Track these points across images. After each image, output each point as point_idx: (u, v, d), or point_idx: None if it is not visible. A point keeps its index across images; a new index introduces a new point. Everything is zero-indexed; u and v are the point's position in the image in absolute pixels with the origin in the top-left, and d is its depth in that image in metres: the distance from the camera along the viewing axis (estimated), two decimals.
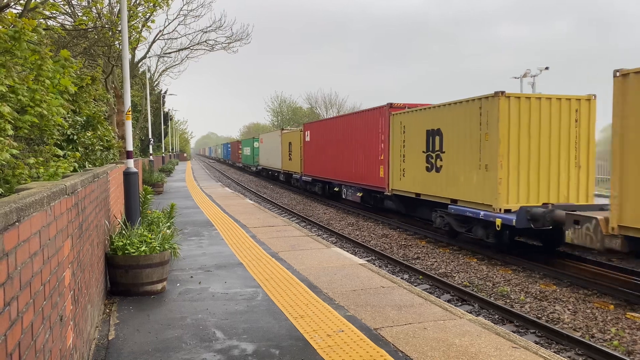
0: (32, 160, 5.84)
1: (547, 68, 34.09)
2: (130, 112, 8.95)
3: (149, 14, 16.75)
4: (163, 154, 50.98)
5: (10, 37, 6.05)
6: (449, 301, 9.07)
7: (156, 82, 39.68)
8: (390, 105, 17.08)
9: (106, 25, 14.41)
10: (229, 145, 78.43)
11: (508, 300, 9.12)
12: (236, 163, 64.55)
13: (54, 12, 12.06)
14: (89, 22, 13.12)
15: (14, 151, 5.22)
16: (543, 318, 8.19)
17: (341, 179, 22.01)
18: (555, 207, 10.89)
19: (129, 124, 9.00)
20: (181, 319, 5.80)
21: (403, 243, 14.38)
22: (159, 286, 6.83)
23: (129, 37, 13.65)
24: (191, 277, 7.73)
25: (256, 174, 49.66)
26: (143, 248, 6.71)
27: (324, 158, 24.46)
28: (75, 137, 8.58)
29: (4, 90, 5.31)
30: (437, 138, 14.25)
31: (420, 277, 10.81)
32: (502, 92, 11.52)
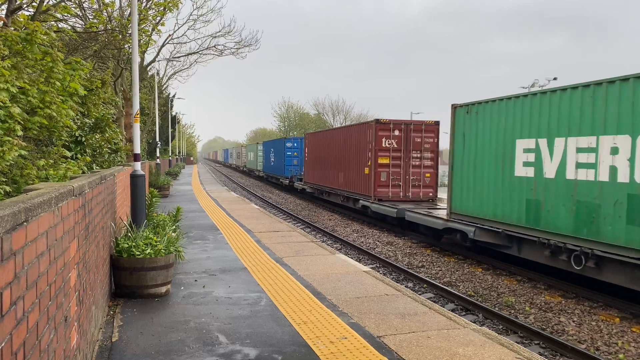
0: (42, 162, 5.89)
1: (555, 78, 34.04)
2: (138, 115, 9.00)
3: (159, 18, 16.89)
4: (170, 158, 51.18)
5: (22, 39, 6.12)
6: (453, 310, 9.03)
7: (165, 86, 39.93)
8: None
9: (116, 29, 14.53)
10: (292, 145, 35.52)
11: (513, 311, 9.07)
12: (369, 209, 18.96)
13: (66, 14, 12.17)
14: (100, 25, 13.24)
15: (23, 152, 5.26)
16: (548, 329, 8.14)
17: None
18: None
19: (136, 127, 9.05)
20: (184, 322, 5.80)
21: (408, 251, 14.34)
22: (163, 289, 6.84)
23: (139, 41, 13.76)
24: (195, 280, 7.74)
25: (252, 176, 47.56)
26: (148, 250, 6.72)
27: None
28: (83, 139, 8.64)
29: (15, 92, 5.37)
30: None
31: (425, 285, 10.77)
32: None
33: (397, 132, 18.48)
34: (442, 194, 19.00)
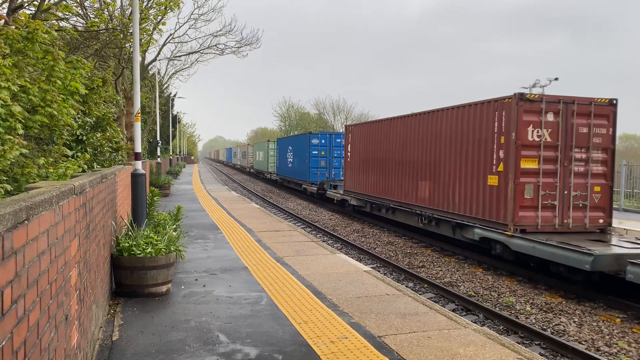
0: (42, 161, 5.89)
1: (556, 79, 34.03)
2: (139, 114, 9.00)
3: (160, 17, 16.89)
4: (170, 157, 51.23)
5: (23, 38, 6.11)
6: (453, 310, 9.03)
7: (165, 85, 39.94)
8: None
9: (118, 28, 14.53)
10: (319, 142, 28.44)
11: (513, 311, 9.07)
12: (499, 247, 11.65)
13: (67, 13, 12.17)
14: (101, 24, 13.24)
15: (24, 150, 5.26)
16: (548, 330, 8.13)
17: None
18: None
19: (137, 126, 9.04)
20: (185, 321, 5.80)
21: (408, 251, 14.34)
22: (163, 288, 6.84)
23: (140, 40, 13.75)
24: (196, 280, 7.74)
25: (261, 179, 46.65)
26: (149, 250, 6.72)
27: None
28: (84, 137, 8.64)
29: (16, 90, 5.36)
30: None
31: (425, 285, 10.77)
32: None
33: (550, 117, 11.32)
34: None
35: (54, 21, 11.76)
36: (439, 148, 14.18)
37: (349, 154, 21.82)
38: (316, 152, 27.96)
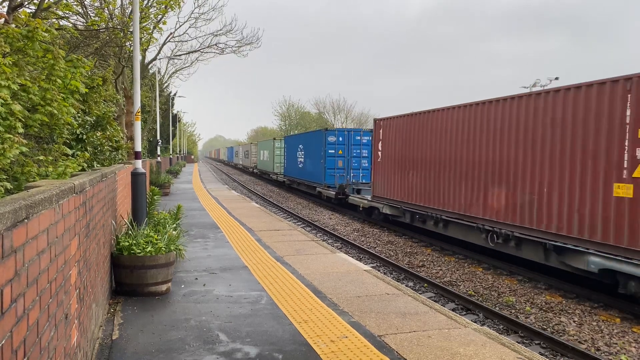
0: (41, 158, 5.89)
1: (557, 78, 34.00)
2: (139, 113, 8.99)
3: (160, 16, 16.87)
4: (170, 156, 51.23)
5: (23, 37, 6.10)
6: (453, 310, 9.02)
7: (166, 84, 39.92)
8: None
9: (118, 26, 14.52)
10: (336, 140, 25.04)
11: (513, 311, 9.07)
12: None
13: (67, 12, 12.16)
14: (101, 23, 13.23)
15: (24, 149, 5.26)
16: (548, 329, 8.13)
17: None
18: None
19: (138, 125, 9.04)
20: (185, 320, 5.79)
21: (408, 250, 14.33)
22: (163, 287, 6.84)
23: (140, 39, 13.74)
24: (196, 279, 7.74)
25: (266, 180, 47.04)
26: (149, 248, 6.72)
27: None
28: (84, 136, 8.63)
29: (16, 89, 5.35)
30: None
31: (425, 285, 10.76)
32: None
33: None
34: None
35: (54, 20, 11.75)
36: (524, 144, 10.79)
37: (379, 152, 18.28)
38: (333, 150, 24.53)
